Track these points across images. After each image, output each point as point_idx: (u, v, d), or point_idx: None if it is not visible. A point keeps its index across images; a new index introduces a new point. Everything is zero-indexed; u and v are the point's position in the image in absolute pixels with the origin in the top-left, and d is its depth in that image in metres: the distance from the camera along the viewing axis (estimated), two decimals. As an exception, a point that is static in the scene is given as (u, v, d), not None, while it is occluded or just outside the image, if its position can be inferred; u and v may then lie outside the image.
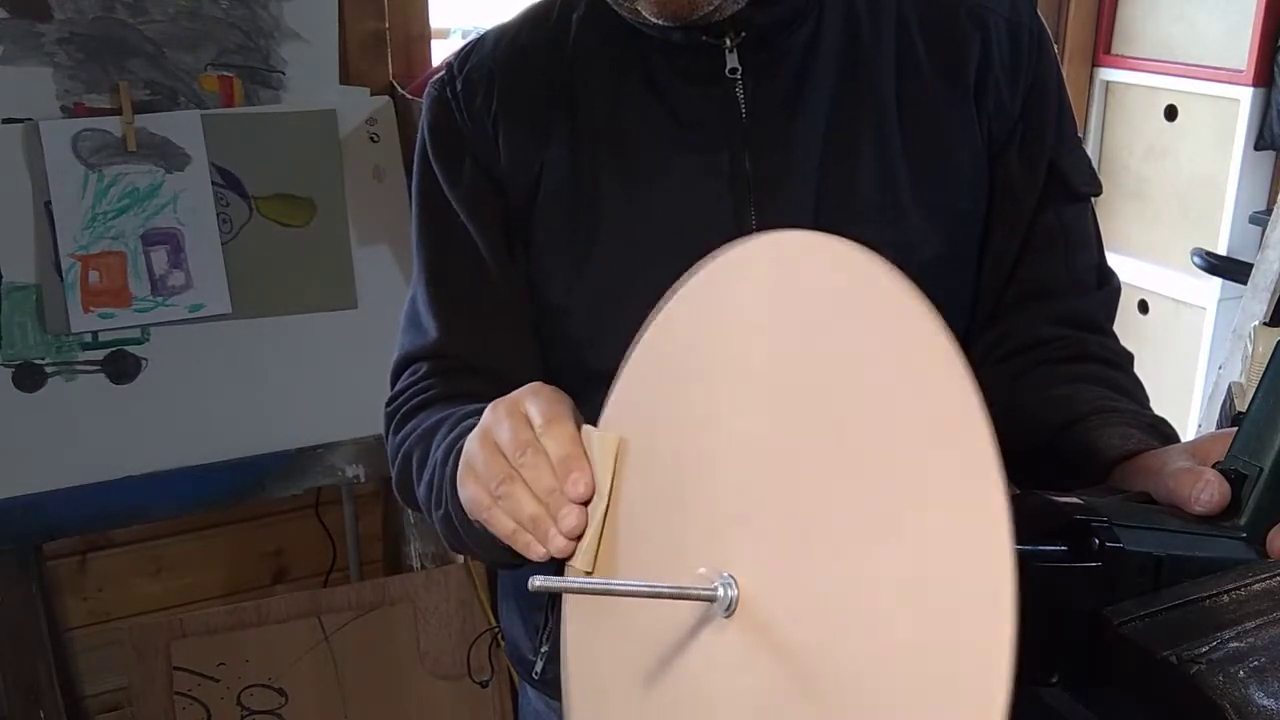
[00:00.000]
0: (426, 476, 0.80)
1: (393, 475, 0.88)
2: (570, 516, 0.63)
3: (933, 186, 0.85)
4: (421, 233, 0.91)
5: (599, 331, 0.85)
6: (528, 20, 0.91)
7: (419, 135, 0.92)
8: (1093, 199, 0.90)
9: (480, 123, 0.88)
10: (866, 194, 0.84)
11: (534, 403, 0.67)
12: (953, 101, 0.85)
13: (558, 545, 0.64)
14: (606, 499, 0.64)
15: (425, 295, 0.90)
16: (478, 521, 0.69)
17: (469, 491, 0.69)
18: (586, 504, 0.64)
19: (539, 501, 0.65)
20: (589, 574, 0.66)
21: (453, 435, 0.78)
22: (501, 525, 0.66)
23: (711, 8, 0.78)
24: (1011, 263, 0.87)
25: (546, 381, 0.90)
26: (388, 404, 0.90)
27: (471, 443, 0.69)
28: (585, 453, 0.65)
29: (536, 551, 0.65)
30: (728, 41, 0.83)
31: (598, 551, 0.65)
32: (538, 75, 0.88)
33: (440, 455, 0.78)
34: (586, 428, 0.66)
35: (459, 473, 0.71)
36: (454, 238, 0.89)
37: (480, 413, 0.78)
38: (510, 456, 0.66)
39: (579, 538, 0.64)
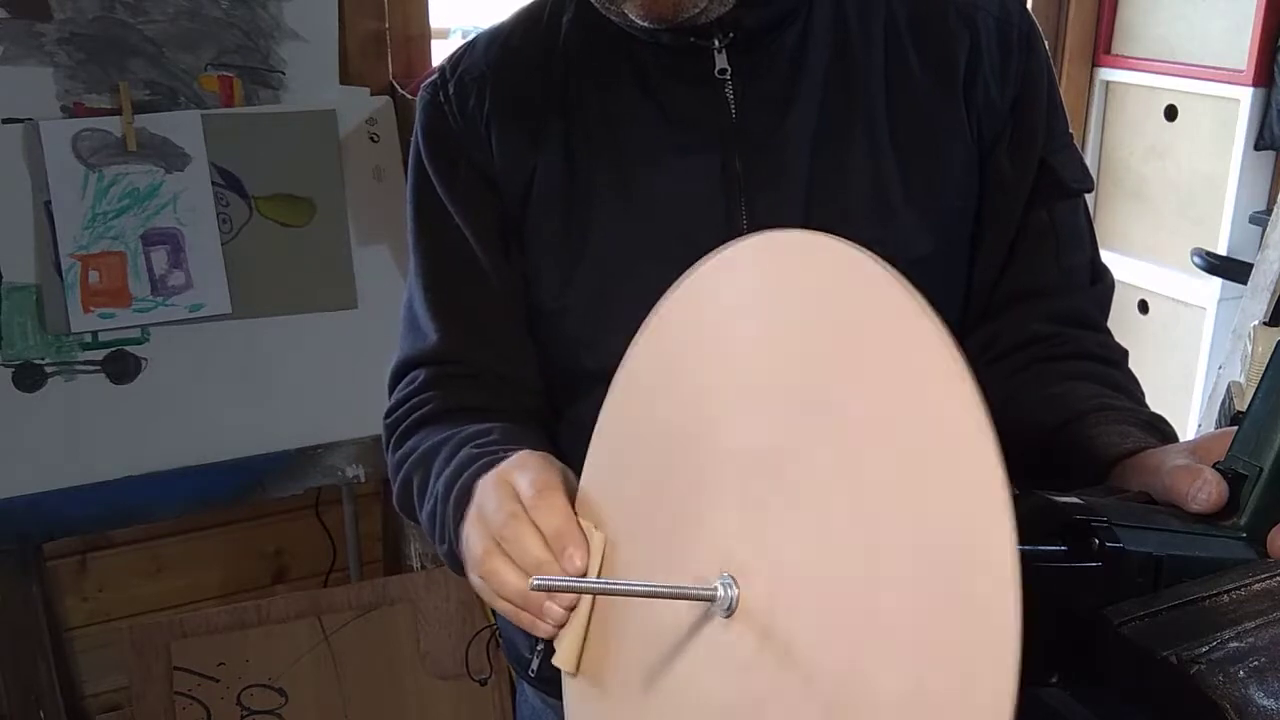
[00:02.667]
0: (428, 508, 0.80)
1: (394, 492, 0.88)
2: (564, 595, 0.62)
3: (923, 185, 0.85)
4: (417, 236, 0.91)
5: (593, 332, 0.85)
6: (520, 23, 0.91)
7: (413, 139, 0.92)
8: (1087, 196, 0.90)
9: (474, 125, 0.88)
10: (857, 193, 0.84)
11: (521, 474, 0.67)
12: (942, 100, 0.85)
13: (547, 628, 0.63)
14: (590, 606, 0.63)
15: (422, 299, 0.90)
16: None
17: (472, 578, 0.68)
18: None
19: (525, 576, 0.63)
20: (574, 673, 0.64)
21: (452, 466, 0.78)
22: (500, 607, 0.66)
23: (698, 10, 0.78)
24: (1003, 260, 0.88)
25: (544, 381, 0.90)
26: (386, 415, 0.90)
27: (466, 525, 0.69)
28: (580, 527, 0.63)
29: (542, 631, 0.64)
30: (716, 43, 0.83)
31: (582, 651, 0.64)
32: (530, 77, 0.88)
33: (441, 490, 0.78)
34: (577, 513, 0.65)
35: (464, 556, 0.70)
36: (450, 240, 0.89)
37: (476, 438, 0.78)
38: (493, 531, 0.65)
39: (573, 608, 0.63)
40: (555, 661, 0.64)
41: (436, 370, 0.89)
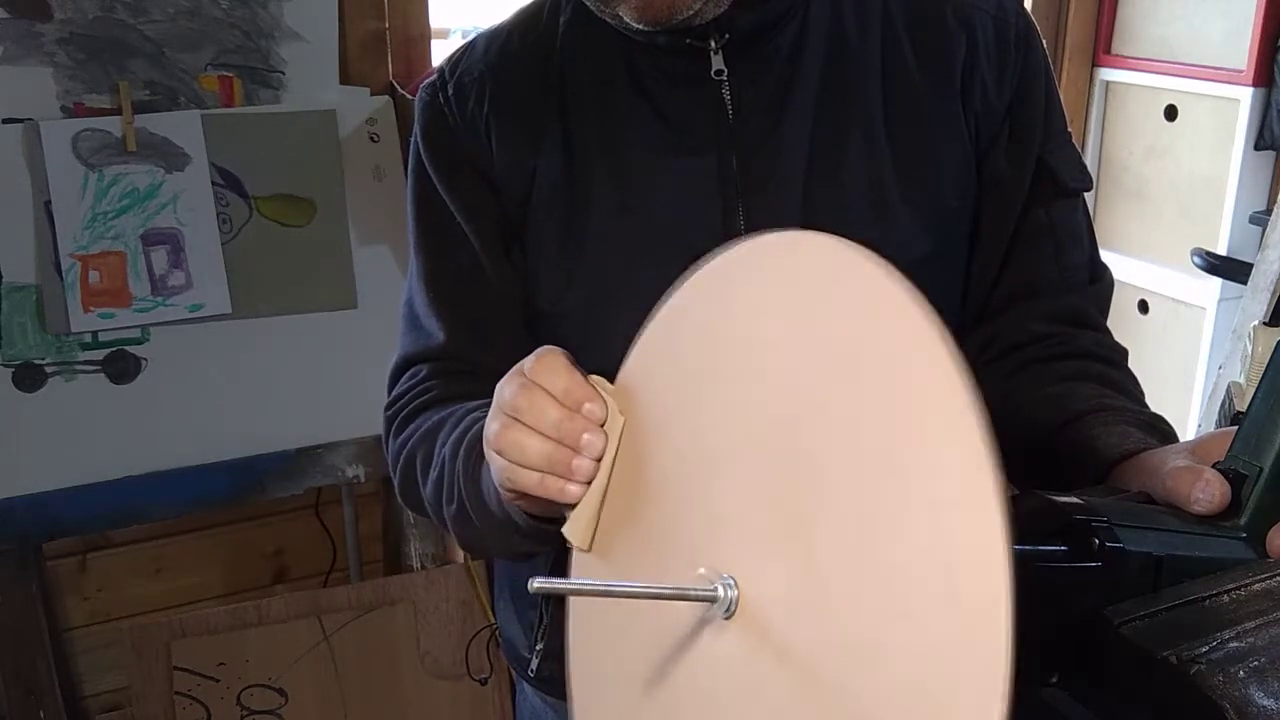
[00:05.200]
0: (434, 475, 0.80)
1: (395, 479, 0.87)
2: (594, 443, 0.62)
3: (920, 185, 0.85)
4: (419, 237, 0.91)
5: (592, 334, 0.85)
6: (518, 24, 0.91)
7: (412, 140, 0.92)
8: (1086, 195, 0.90)
9: (473, 126, 0.88)
10: (854, 194, 0.84)
11: (526, 359, 0.67)
12: (939, 100, 0.85)
13: (576, 489, 0.62)
14: (607, 475, 0.63)
15: (425, 298, 0.90)
16: (509, 499, 0.68)
17: (493, 460, 0.68)
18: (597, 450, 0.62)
19: (547, 439, 0.63)
20: (586, 551, 0.64)
21: (459, 429, 0.78)
22: (524, 479, 0.64)
23: (692, 12, 0.78)
24: (1001, 260, 0.88)
25: None
26: (387, 408, 0.90)
27: (485, 421, 0.69)
28: (590, 383, 0.63)
29: (571, 494, 0.63)
30: (713, 44, 0.83)
31: (595, 529, 0.64)
32: (528, 79, 0.88)
33: (448, 451, 0.78)
34: (595, 379, 0.64)
35: (487, 453, 0.69)
36: (452, 241, 0.89)
37: (480, 407, 0.78)
38: (505, 408, 0.65)
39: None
40: (567, 534, 0.64)
41: (440, 365, 0.89)
